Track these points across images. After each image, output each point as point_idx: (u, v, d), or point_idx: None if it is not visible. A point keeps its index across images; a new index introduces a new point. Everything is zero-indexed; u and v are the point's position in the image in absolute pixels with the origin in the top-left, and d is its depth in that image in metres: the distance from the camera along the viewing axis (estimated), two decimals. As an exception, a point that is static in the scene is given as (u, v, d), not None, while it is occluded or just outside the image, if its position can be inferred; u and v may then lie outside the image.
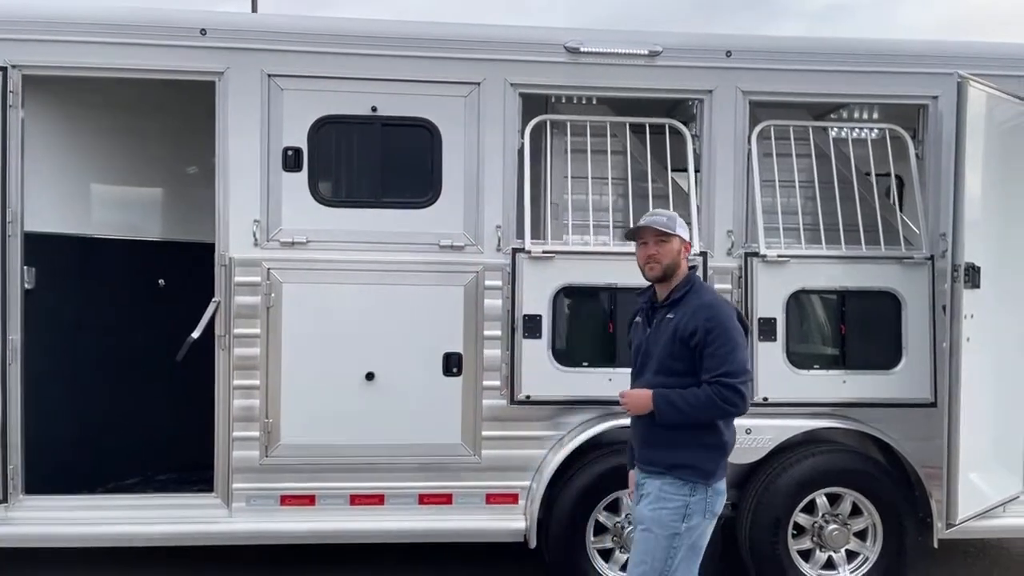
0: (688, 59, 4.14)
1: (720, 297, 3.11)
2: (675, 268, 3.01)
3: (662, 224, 3.00)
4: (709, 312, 2.89)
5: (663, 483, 2.93)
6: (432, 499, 4.07)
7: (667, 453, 2.93)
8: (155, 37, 3.90)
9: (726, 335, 2.86)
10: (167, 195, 5.02)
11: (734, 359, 2.85)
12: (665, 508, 2.90)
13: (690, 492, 2.90)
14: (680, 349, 2.90)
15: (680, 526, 2.88)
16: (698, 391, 2.86)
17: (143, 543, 4.02)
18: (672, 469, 2.91)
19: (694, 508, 2.89)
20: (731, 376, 2.83)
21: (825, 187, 4.33)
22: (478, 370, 4.04)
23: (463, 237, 4.05)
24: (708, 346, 2.85)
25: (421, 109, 4.03)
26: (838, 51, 4.18)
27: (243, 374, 3.98)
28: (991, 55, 4.22)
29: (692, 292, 2.99)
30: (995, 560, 5.06)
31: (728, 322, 2.89)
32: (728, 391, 2.82)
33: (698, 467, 2.90)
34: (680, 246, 3.03)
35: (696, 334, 2.86)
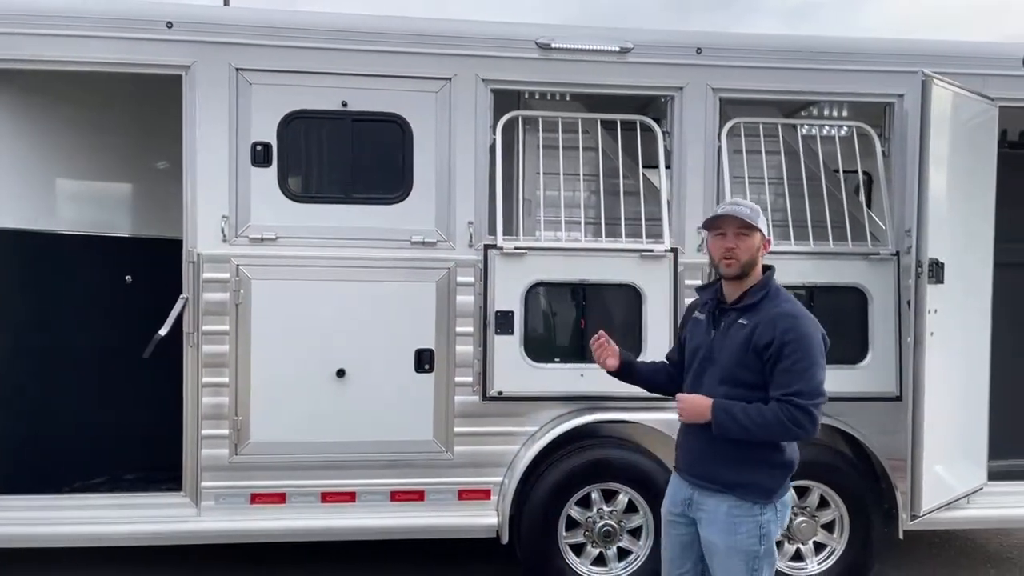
0: (659, 56, 4.15)
1: (802, 307, 2.77)
2: (752, 266, 2.76)
3: (746, 215, 2.72)
4: (789, 323, 2.64)
5: (730, 507, 2.71)
6: (404, 496, 4.05)
7: (728, 470, 2.71)
8: (120, 30, 3.83)
9: (804, 350, 2.61)
10: (135, 190, 4.94)
11: (810, 377, 2.60)
12: (739, 533, 2.69)
13: (760, 511, 2.70)
14: (752, 360, 2.66)
15: (759, 548, 2.70)
16: (764, 408, 2.62)
17: (110, 543, 3.96)
18: (734, 488, 2.71)
19: (767, 527, 2.71)
20: (803, 396, 2.58)
21: (794, 184, 4.38)
22: (450, 366, 4.04)
23: (435, 233, 4.04)
24: (782, 360, 2.61)
25: (392, 104, 4.01)
26: (806, 49, 4.22)
27: (212, 371, 3.93)
28: (955, 53, 4.29)
29: (769, 298, 2.73)
30: (961, 550, 5.17)
31: (809, 336, 2.64)
32: (799, 412, 2.57)
33: (763, 486, 2.70)
34: (761, 242, 2.76)
35: (771, 345, 2.62)
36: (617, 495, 4.13)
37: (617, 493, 4.13)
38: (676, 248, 4.12)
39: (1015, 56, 4.33)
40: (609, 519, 4.12)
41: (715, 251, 2.81)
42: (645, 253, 4.07)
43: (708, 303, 2.89)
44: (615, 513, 4.14)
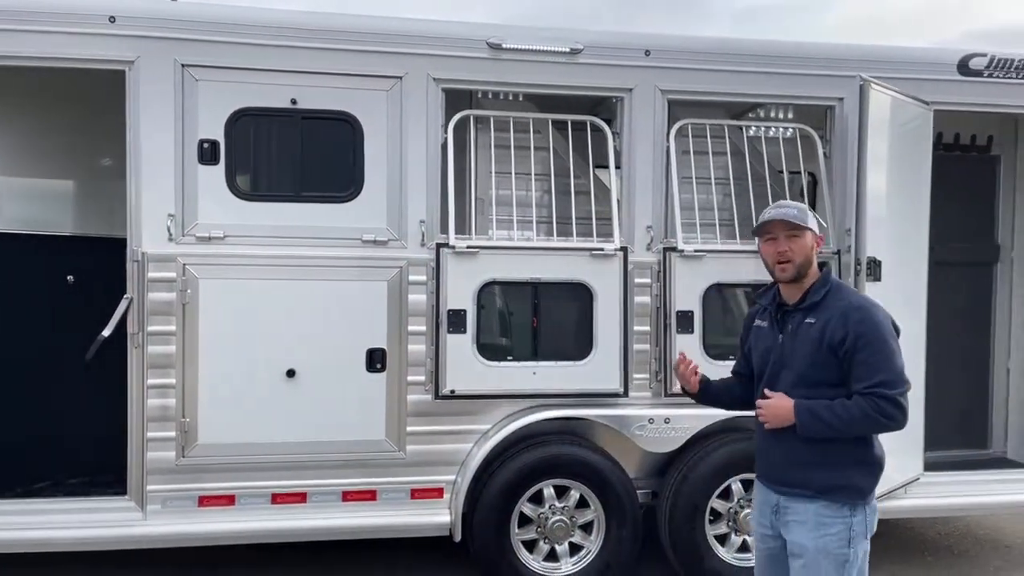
0: (608, 57, 4.20)
1: (869, 297, 2.76)
2: (808, 266, 2.69)
3: (794, 216, 2.68)
4: (860, 315, 2.59)
5: (819, 507, 2.62)
6: (356, 496, 4.04)
7: (819, 473, 2.62)
8: (61, 24, 3.73)
9: (880, 340, 2.56)
10: (77, 188, 4.82)
11: (891, 367, 2.55)
12: (828, 535, 2.60)
13: (850, 513, 2.61)
14: (827, 358, 2.60)
15: (848, 552, 2.60)
16: (849, 403, 2.55)
17: (54, 549, 3.87)
18: (826, 492, 2.61)
19: (858, 530, 2.61)
20: (888, 386, 2.52)
21: (740, 184, 4.48)
22: (402, 365, 4.03)
23: (386, 232, 4.03)
24: (859, 352, 2.55)
25: (342, 102, 3.98)
26: (751, 52, 4.32)
27: (158, 373, 3.86)
28: (892, 59, 4.44)
29: (833, 293, 2.68)
30: (899, 540, 5.35)
31: (882, 326, 2.59)
32: (886, 403, 2.52)
33: (856, 486, 2.62)
34: (813, 241, 2.71)
35: (846, 340, 2.56)
36: (569, 491, 4.18)
37: (569, 489, 4.18)
38: (626, 247, 4.18)
39: (949, 61, 4.50)
40: (561, 515, 4.17)
41: (768, 256, 2.74)
42: (596, 252, 4.12)
43: (768, 308, 2.83)
44: (567, 509, 4.18)
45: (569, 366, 4.12)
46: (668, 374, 4.19)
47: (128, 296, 3.84)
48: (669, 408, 4.21)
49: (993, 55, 4.50)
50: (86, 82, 4.03)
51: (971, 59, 4.49)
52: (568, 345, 4.15)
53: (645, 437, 4.18)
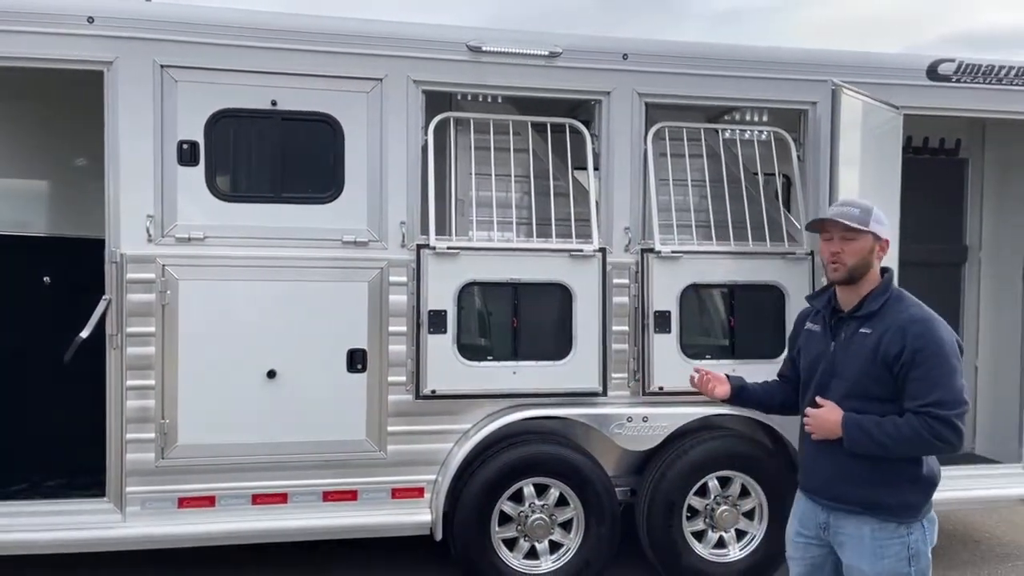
0: (587, 61, 4.26)
1: (931, 311, 2.56)
2: (864, 270, 2.56)
3: (852, 218, 2.55)
4: (919, 328, 2.47)
5: (872, 529, 2.53)
6: (337, 496, 4.05)
7: (867, 490, 2.52)
8: (39, 24, 3.71)
9: (939, 356, 2.44)
10: (51, 188, 4.78)
11: (949, 386, 2.42)
12: (887, 558, 2.52)
13: (907, 531, 2.52)
14: (881, 371, 2.49)
15: (910, 570, 2.52)
16: (900, 421, 2.44)
17: (32, 551, 3.83)
18: (874, 509, 2.52)
19: (917, 547, 2.52)
20: (943, 407, 2.40)
21: (716, 186, 4.56)
22: (383, 366, 4.05)
23: (367, 233, 4.05)
24: (916, 368, 2.43)
25: (322, 104, 3.99)
26: (727, 57, 4.39)
27: (137, 374, 3.85)
28: (863, 64, 4.53)
29: (892, 303, 2.55)
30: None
31: (942, 342, 2.46)
32: (940, 425, 2.39)
33: (908, 504, 2.53)
34: (873, 244, 2.56)
35: (903, 355, 2.44)
36: (549, 489, 4.22)
37: (549, 487, 4.22)
38: (604, 248, 4.24)
39: (919, 67, 4.60)
40: (541, 513, 4.21)
41: (823, 255, 2.64)
42: (575, 253, 4.17)
43: (821, 312, 2.73)
44: (547, 507, 4.23)
45: (549, 366, 4.17)
46: (646, 373, 4.25)
47: (107, 297, 3.83)
48: (647, 407, 4.27)
49: (961, 61, 4.62)
50: (56, 81, 4.02)
51: (940, 65, 4.60)
52: (548, 345, 4.19)
53: (623, 435, 4.24)
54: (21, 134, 4.47)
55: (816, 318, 2.76)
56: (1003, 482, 4.90)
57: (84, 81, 3.85)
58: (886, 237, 2.62)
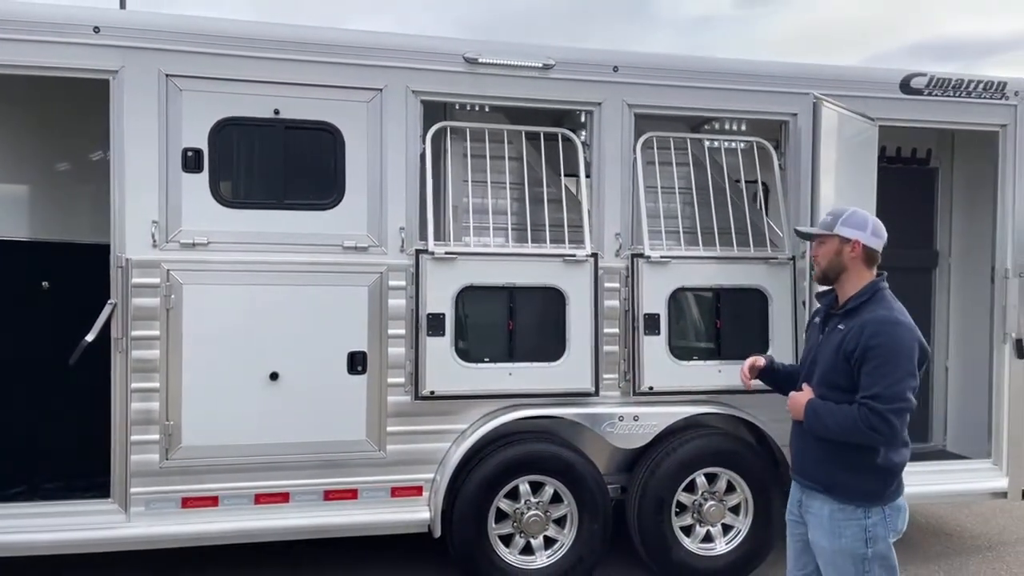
0: (579, 72, 4.41)
1: (897, 315, 2.73)
2: (838, 270, 2.82)
3: (822, 224, 2.87)
4: (877, 328, 2.66)
5: (833, 509, 2.73)
6: (337, 495, 4.14)
7: (827, 472, 2.75)
8: (46, 33, 3.78)
9: (888, 355, 2.62)
10: (32, 193, 4.79)
11: (889, 383, 2.60)
12: (844, 537, 2.71)
13: (864, 515, 2.70)
14: (842, 364, 2.72)
15: (867, 551, 2.70)
16: (847, 409, 2.66)
17: (38, 552, 3.88)
18: (832, 490, 2.74)
19: (875, 531, 2.70)
20: (880, 400, 2.60)
21: (701, 193, 4.74)
22: (382, 368, 4.16)
23: (367, 238, 4.16)
24: (867, 363, 2.64)
25: (324, 113, 4.10)
26: (712, 70, 4.58)
27: (142, 377, 3.92)
28: (841, 77, 4.75)
29: (868, 304, 2.74)
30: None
31: (893, 341, 2.64)
32: (874, 416, 2.60)
33: (864, 490, 2.71)
34: (840, 246, 2.79)
35: (856, 350, 2.66)
36: (544, 486, 4.35)
37: (544, 485, 4.35)
38: (596, 253, 4.39)
39: (893, 80, 4.83)
40: (536, 510, 4.34)
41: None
42: (568, 258, 4.32)
43: (822, 308, 2.98)
44: (542, 504, 4.36)
45: (543, 367, 4.31)
46: (636, 374, 4.41)
47: (112, 301, 3.89)
48: (637, 406, 4.43)
49: (932, 75, 4.85)
50: (45, 88, 4.07)
51: (912, 79, 4.83)
52: (542, 347, 4.33)
53: (615, 434, 4.39)
54: (9, 138, 4.50)
55: (820, 314, 3.01)
56: (973, 477, 5.11)
57: (75, 87, 3.91)
58: (855, 239, 2.80)
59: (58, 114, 4.53)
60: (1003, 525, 5.84)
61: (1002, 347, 5.05)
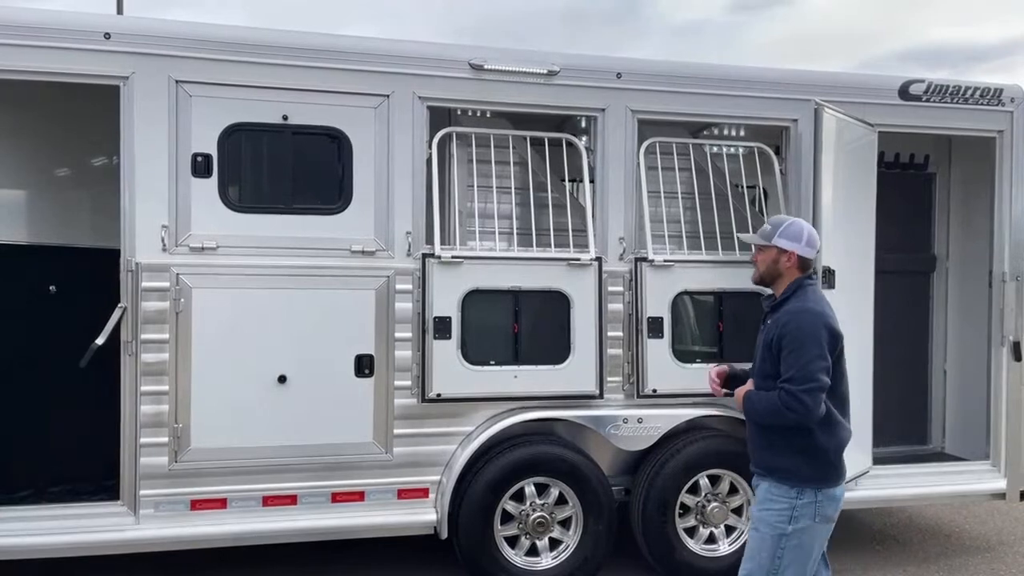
0: (583, 79, 4.47)
1: (810, 306, 3.01)
2: (774, 276, 3.12)
3: (762, 234, 3.16)
4: (788, 318, 2.96)
5: (769, 484, 3.00)
6: (345, 497, 4.18)
7: (764, 455, 3.04)
8: (56, 40, 3.82)
9: (797, 341, 2.89)
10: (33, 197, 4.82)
11: (800, 365, 2.86)
12: (770, 509, 2.97)
13: (796, 495, 2.93)
14: (768, 355, 3.00)
15: (787, 527, 2.92)
16: (770, 395, 2.94)
17: (48, 554, 3.90)
18: (771, 472, 3.00)
19: (801, 511, 2.92)
20: (793, 382, 2.86)
21: (703, 198, 4.80)
22: (389, 371, 4.20)
23: (374, 243, 4.20)
24: (782, 351, 2.92)
25: (332, 119, 4.15)
26: (714, 76, 4.64)
27: (151, 380, 3.95)
28: (842, 84, 4.82)
29: (790, 299, 3.05)
30: (849, 531, 5.68)
31: (803, 329, 2.91)
32: (789, 397, 2.85)
33: (797, 471, 2.94)
34: (778, 256, 3.09)
35: (775, 340, 2.96)
36: (549, 488, 4.39)
37: (549, 487, 4.39)
38: (600, 257, 4.44)
39: (891, 87, 4.90)
40: (541, 511, 4.38)
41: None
42: (572, 262, 4.37)
43: (767, 307, 3.24)
44: (547, 505, 4.39)
45: (548, 370, 4.35)
46: (640, 377, 4.45)
47: (122, 305, 3.93)
48: (641, 409, 4.47)
49: (931, 82, 4.92)
50: (48, 92, 4.11)
51: (911, 85, 4.90)
52: (547, 350, 4.37)
53: (619, 436, 4.44)
54: (9, 142, 4.52)
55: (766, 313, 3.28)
56: (972, 478, 5.18)
57: (78, 91, 3.95)
58: (791, 251, 3.09)
59: (59, 118, 4.56)
60: (1001, 526, 5.90)
61: (1000, 350, 5.12)
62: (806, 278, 3.13)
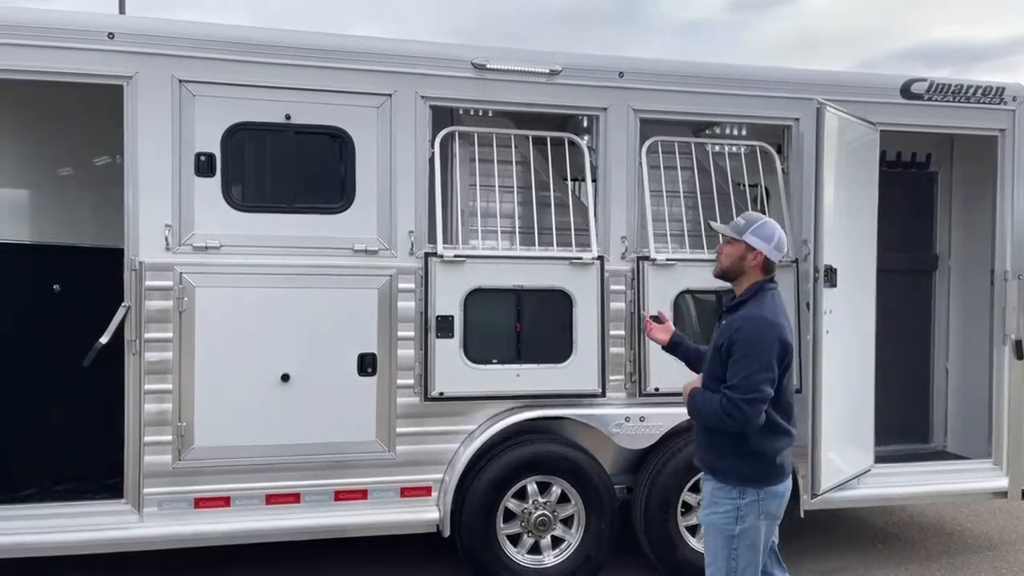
0: (585, 78, 4.47)
1: (766, 314, 2.96)
2: (737, 272, 3.05)
3: (734, 228, 3.10)
4: (741, 323, 2.92)
5: (714, 487, 3.02)
6: (347, 495, 4.19)
7: (707, 455, 3.05)
8: (60, 40, 3.83)
9: (746, 350, 2.86)
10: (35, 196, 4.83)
11: (745, 374, 2.84)
12: (716, 512, 2.99)
13: (739, 495, 2.95)
14: (717, 356, 2.99)
15: (734, 528, 2.94)
16: (713, 398, 2.93)
17: (53, 552, 3.91)
18: (715, 472, 3.02)
19: (746, 511, 2.94)
20: (736, 390, 2.85)
21: (705, 197, 4.80)
22: (392, 369, 4.21)
23: (376, 242, 4.21)
24: (730, 356, 2.90)
25: (334, 118, 4.16)
26: (716, 75, 4.65)
27: (155, 378, 3.96)
28: (844, 83, 4.82)
29: (748, 303, 3.00)
30: (852, 529, 5.71)
31: (754, 338, 2.87)
32: (730, 404, 2.85)
33: (738, 472, 2.96)
34: (745, 252, 3.02)
35: (724, 345, 2.93)
36: (551, 487, 4.41)
37: (551, 485, 4.40)
38: (603, 256, 4.44)
39: (893, 86, 4.91)
40: (544, 509, 4.39)
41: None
42: (575, 260, 4.38)
43: (726, 304, 3.25)
44: (549, 504, 4.41)
45: (550, 368, 4.36)
46: (642, 375, 4.46)
47: (126, 304, 3.94)
48: (643, 407, 4.48)
49: (932, 80, 4.93)
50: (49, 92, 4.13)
51: (913, 84, 4.90)
52: (549, 348, 4.38)
53: (621, 435, 4.45)
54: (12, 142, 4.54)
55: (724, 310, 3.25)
56: (974, 477, 5.19)
57: (80, 91, 3.96)
58: (759, 249, 3.02)
59: (61, 118, 4.57)
60: (1003, 524, 5.91)
61: (1002, 348, 5.13)
62: (768, 281, 3.07)
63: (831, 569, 4.97)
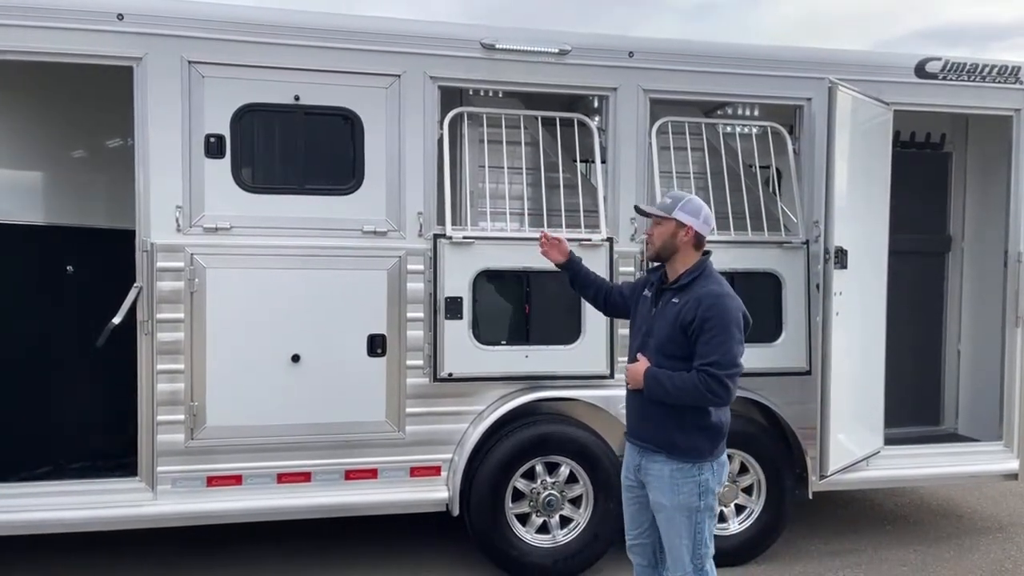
0: (594, 58, 4.44)
1: (727, 289, 3.07)
2: (671, 251, 3.10)
3: (661, 207, 3.15)
4: (710, 301, 2.95)
5: (672, 469, 3.04)
6: (358, 474, 4.23)
7: (663, 433, 3.04)
8: (70, 20, 3.84)
9: (721, 326, 2.91)
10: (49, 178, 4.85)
11: (725, 350, 2.89)
12: (681, 493, 3.03)
13: (699, 472, 3.03)
14: (679, 334, 2.98)
15: (699, 503, 3.04)
16: (686, 376, 2.93)
17: (68, 529, 3.99)
18: (671, 450, 3.03)
19: (707, 484, 3.04)
20: (718, 367, 2.88)
21: (716, 178, 4.77)
22: (402, 350, 4.23)
23: (386, 223, 4.22)
24: (703, 334, 2.91)
25: (343, 99, 4.16)
26: (727, 55, 4.60)
27: (167, 359, 4.01)
28: (856, 62, 4.76)
29: (699, 279, 3.05)
30: (861, 511, 5.73)
31: (727, 314, 2.94)
32: (713, 381, 2.88)
33: (699, 448, 3.03)
34: (676, 230, 3.08)
35: (694, 322, 2.93)
36: (559, 467, 4.43)
37: (559, 465, 4.43)
38: (611, 237, 4.44)
39: (907, 65, 4.84)
40: (552, 490, 4.42)
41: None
42: (584, 242, 4.37)
43: (654, 283, 3.25)
44: (557, 484, 4.44)
45: (559, 350, 4.37)
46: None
47: (137, 285, 3.97)
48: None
49: (947, 59, 4.86)
50: (60, 74, 4.14)
51: (927, 63, 4.84)
52: (558, 330, 4.40)
53: (630, 416, 4.45)
54: (25, 124, 4.56)
55: (651, 288, 3.25)
56: (985, 459, 5.17)
57: (91, 72, 3.97)
58: (689, 225, 3.09)
59: (75, 100, 4.59)
60: (1014, 507, 5.90)
61: (1014, 330, 5.10)
62: (707, 258, 3.15)
63: (841, 550, 4.98)
